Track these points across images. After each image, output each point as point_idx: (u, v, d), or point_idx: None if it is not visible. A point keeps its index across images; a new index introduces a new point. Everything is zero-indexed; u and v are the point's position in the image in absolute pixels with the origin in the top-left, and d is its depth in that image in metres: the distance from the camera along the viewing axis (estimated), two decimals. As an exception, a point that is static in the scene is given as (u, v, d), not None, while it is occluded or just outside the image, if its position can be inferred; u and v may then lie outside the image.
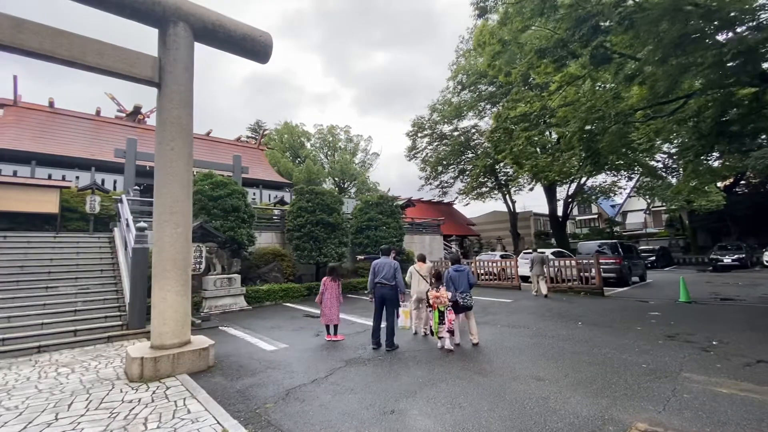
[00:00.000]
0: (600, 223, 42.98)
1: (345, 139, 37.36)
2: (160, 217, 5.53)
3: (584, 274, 12.86)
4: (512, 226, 33.25)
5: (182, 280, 5.56)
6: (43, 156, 16.53)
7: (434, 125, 33.42)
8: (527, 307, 10.42)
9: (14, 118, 18.96)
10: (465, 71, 28.00)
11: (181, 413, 3.89)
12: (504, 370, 5.18)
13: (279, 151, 32.70)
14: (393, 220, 15.58)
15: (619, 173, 24.73)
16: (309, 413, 3.94)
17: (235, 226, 11.30)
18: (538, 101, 11.10)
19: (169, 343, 5.34)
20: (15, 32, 4.59)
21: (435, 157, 33.91)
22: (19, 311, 7.26)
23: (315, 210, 13.25)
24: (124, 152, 16.18)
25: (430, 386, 4.66)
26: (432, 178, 35.75)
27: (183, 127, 5.76)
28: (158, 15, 5.63)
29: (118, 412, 3.94)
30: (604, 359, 5.57)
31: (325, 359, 5.92)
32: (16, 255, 9.01)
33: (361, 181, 34.79)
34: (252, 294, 11.34)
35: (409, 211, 27.32)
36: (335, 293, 7.17)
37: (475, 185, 32.36)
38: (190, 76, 5.95)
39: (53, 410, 4.02)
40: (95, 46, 5.17)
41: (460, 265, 6.81)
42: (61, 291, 8.22)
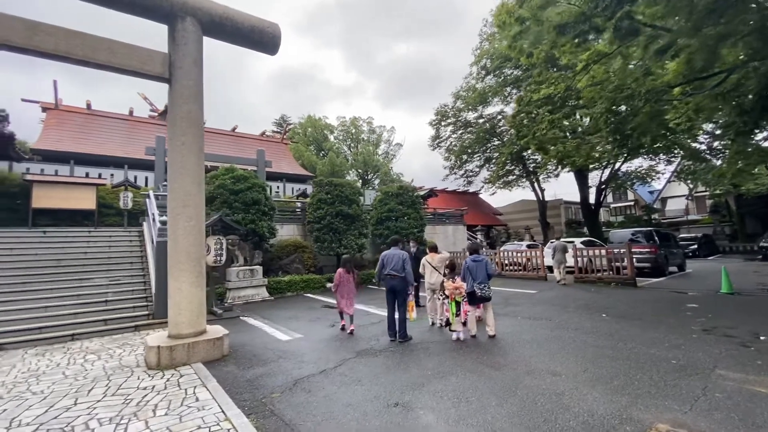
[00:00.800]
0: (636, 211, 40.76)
1: (368, 131, 37.28)
2: (173, 211, 5.66)
3: (615, 263, 12.23)
4: (541, 215, 32.14)
5: (196, 271, 5.69)
6: (81, 155, 17.50)
7: (458, 113, 32.66)
8: (551, 299, 10.03)
9: (56, 120, 20.13)
10: (489, 55, 27.07)
11: (189, 401, 3.98)
12: (518, 364, 4.97)
13: (303, 144, 33.08)
14: (413, 211, 15.39)
15: (657, 157, 23.23)
16: (313, 404, 3.93)
17: (256, 218, 11.52)
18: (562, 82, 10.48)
19: (185, 332, 5.50)
20: (30, 34, 4.77)
21: (459, 146, 33.20)
22: (56, 301, 7.72)
23: (334, 202, 13.28)
24: (154, 150, 16.82)
25: (438, 379, 4.54)
26: (456, 168, 35.07)
27: (193, 121, 5.84)
28: (166, 11, 5.70)
29: (132, 399, 4.09)
30: (629, 354, 5.23)
31: (336, 350, 5.92)
32: (55, 249, 9.59)
33: (384, 172, 34.66)
34: (274, 285, 11.57)
35: (432, 202, 26.97)
36: (351, 285, 7.15)
37: (501, 173, 31.44)
38: (199, 71, 6.01)
39: (74, 395, 4.23)
40: (107, 45, 5.30)
41: (478, 255, 6.60)
42: (94, 282, 8.68)
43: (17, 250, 9.03)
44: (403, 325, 6.35)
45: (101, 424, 3.50)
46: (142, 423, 3.49)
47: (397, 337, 6.31)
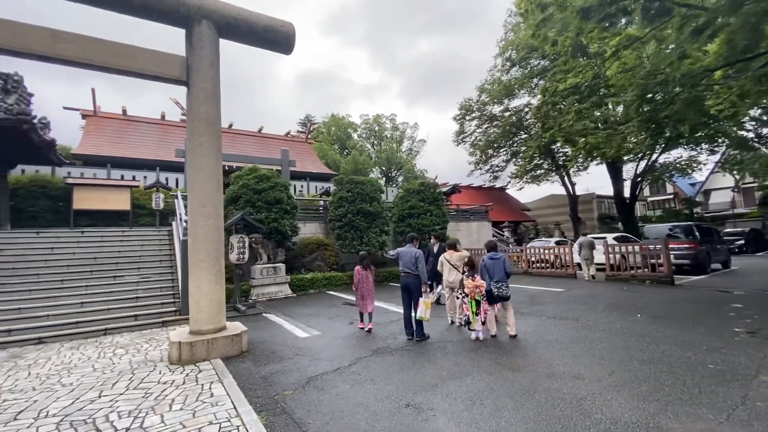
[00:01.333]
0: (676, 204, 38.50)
1: (391, 128, 37.13)
2: (192, 210, 5.81)
3: (651, 260, 11.57)
4: (572, 210, 30.96)
5: (215, 269, 5.81)
6: (117, 159, 18.42)
7: (483, 107, 31.93)
8: (580, 297, 9.60)
9: (94, 126, 21.29)
10: (514, 46, 26.26)
11: (204, 396, 4.06)
12: (539, 366, 4.76)
13: (327, 143, 33.39)
14: (435, 207, 15.17)
15: (698, 146, 21.77)
16: (324, 402, 3.91)
17: (278, 217, 11.69)
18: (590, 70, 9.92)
19: (205, 329, 5.63)
20: (54, 43, 5.00)
21: (484, 140, 32.48)
22: (91, 298, 8.14)
23: (355, 199, 13.30)
24: (183, 152, 17.43)
25: (453, 380, 4.42)
26: (482, 163, 34.34)
27: (210, 122, 5.96)
28: (183, 15, 5.82)
29: (151, 392, 4.22)
30: (662, 357, 4.90)
31: (352, 348, 5.89)
32: (92, 248, 10.12)
33: (407, 169, 34.44)
34: (296, 282, 11.73)
35: (456, 198, 26.55)
36: (368, 282, 7.10)
37: (528, 168, 30.50)
38: (216, 73, 6.11)
39: (100, 388, 4.42)
40: (127, 51, 5.49)
41: (496, 252, 6.39)
42: (126, 280, 9.10)
43: (57, 250, 9.60)
44: (420, 324, 6.24)
45: (120, 417, 3.62)
46: (158, 417, 3.58)
47: (414, 336, 6.22)
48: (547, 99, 14.48)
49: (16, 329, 6.77)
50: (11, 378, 4.84)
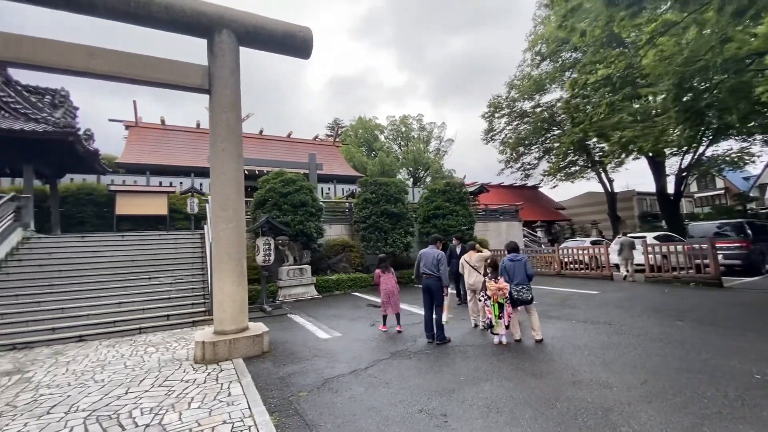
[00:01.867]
0: (727, 200, 35.68)
1: (418, 128, 36.92)
2: (215, 214, 6.00)
3: (696, 261, 10.76)
4: (610, 208, 29.46)
5: (237, 271, 5.96)
6: (155, 166, 19.44)
7: (512, 103, 31.06)
8: (615, 300, 9.08)
9: (136, 137, 22.60)
10: (544, 40, 25.36)
11: (222, 395, 4.15)
12: (564, 373, 4.51)
13: (354, 146, 33.69)
14: (461, 208, 14.88)
15: (750, 137, 20.06)
16: (337, 405, 3.89)
17: (304, 219, 11.88)
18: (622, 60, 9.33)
19: (228, 329, 5.79)
20: (88, 59, 5.31)
21: (515, 138, 31.57)
22: (128, 298, 8.61)
23: (379, 201, 13.30)
24: (216, 158, 18.15)
25: (471, 385, 4.27)
26: (512, 161, 33.40)
27: (232, 128, 6.13)
28: (204, 26, 6.04)
29: (174, 390, 4.38)
30: (702, 366, 4.51)
31: (371, 350, 5.85)
32: (130, 251, 10.71)
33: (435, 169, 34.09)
34: (322, 283, 11.87)
35: (484, 197, 25.99)
36: (391, 283, 7.02)
37: (562, 164, 29.33)
38: (236, 80, 6.29)
39: (128, 385, 4.64)
40: (153, 63, 5.76)
41: (517, 254, 6.15)
42: (160, 281, 9.55)
43: (99, 253, 10.23)
44: (440, 327, 6.11)
45: (142, 414, 3.77)
46: (176, 415, 3.70)
47: (434, 339, 6.09)
48: (577, 92, 13.80)
49: (60, 327, 7.26)
50: (50, 374, 5.18)
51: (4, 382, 4.87)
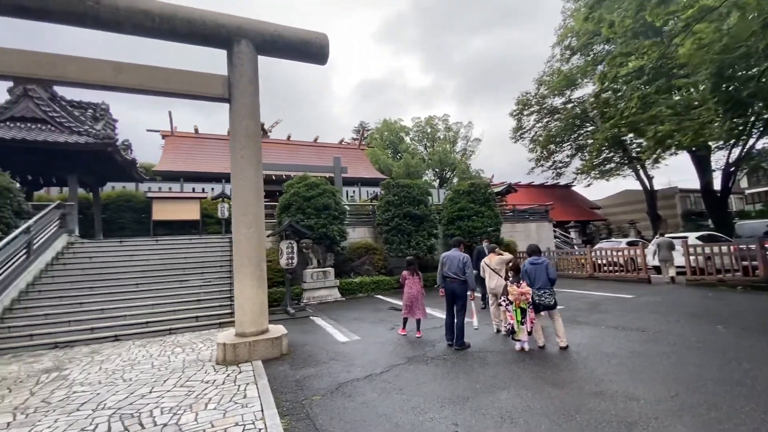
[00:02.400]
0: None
1: (444, 129, 36.53)
2: (235, 219, 6.17)
3: (744, 262, 9.96)
4: (650, 206, 27.90)
5: (257, 274, 6.10)
6: (188, 173, 20.33)
7: (542, 100, 30.19)
8: (651, 305, 8.55)
9: (172, 145, 23.74)
10: (573, 33, 24.42)
11: (238, 397, 4.24)
12: (587, 382, 4.28)
13: (379, 148, 33.80)
14: (487, 209, 14.55)
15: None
16: (348, 410, 3.88)
17: (327, 222, 12.03)
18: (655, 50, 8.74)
19: (248, 331, 5.92)
20: (116, 74, 5.62)
21: (545, 135, 30.61)
22: (160, 300, 9.02)
23: (401, 203, 13.24)
24: (244, 164, 18.74)
25: (487, 393, 4.13)
26: (543, 159, 32.40)
27: (251, 135, 6.29)
28: (224, 37, 6.23)
29: (194, 391, 4.52)
30: (743, 377, 4.14)
31: (389, 354, 5.81)
32: (163, 255, 11.23)
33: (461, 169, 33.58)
34: (345, 286, 11.95)
35: (513, 197, 25.30)
36: (416, 287, 6.93)
37: (596, 162, 28.08)
38: (255, 88, 6.45)
39: (152, 384, 4.83)
40: (176, 75, 6.01)
41: (539, 257, 5.91)
42: (190, 283, 9.95)
43: (135, 256, 10.80)
44: (461, 332, 5.98)
45: (162, 413, 3.92)
46: (193, 415, 3.81)
47: (454, 343, 5.98)
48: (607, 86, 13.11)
49: (98, 327, 7.71)
50: (85, 372, 5.50)
51: (43, 379, 5.22)
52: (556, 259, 15.72)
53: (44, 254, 9.59)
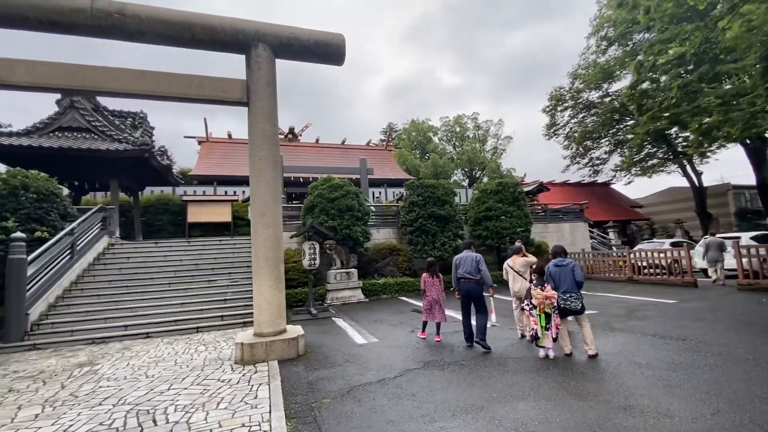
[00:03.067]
0: None
1: (473, 127, 35.79)
2: (253, 220, 6.25)
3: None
4: (698, 204, 25.92)
5: (274, 275, 6.15)
6: (222, 177, 21.11)
7: (577, 94, 28.84)
8: (696, 311, 7.87)
9: (207, 151, 24.76)
10: (610, 22, 23.15)
11: (249, 398, 4.26)
12: (615, 395, 3.95)
13: (407, 149, 33.63)
14: (516, 208, 14.04)
15: None
16: (356, 415, 3.79)
17: (350, 224, 12.05)
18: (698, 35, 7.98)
19: (266, 331, 5.98)
20: (137, 81, 5.86)
21: (580, 131, 29.26)
22: (190, 299, 9.36)
23: (426, 204, 13.03)
24: (273, 167, 19.21)
25: (503, 402, 3.91)
26: (579, 156, 31.01)
27: (268, 138, 6.37)
28: (242, 43, 6.35)
29: (208, 389, 4.59)
30: (800, 397, 3.66)
31: (405, 358, 5.66)
32: (194, 255, 11.67)
33: (492, 168, 32.75)
34: (368, 287, 11.90)
35: (547, 197, 24.35)
36: (436, 290, 6.77)
37: (637, 158, 26.46)
38: (272, 91, 6.52)
39: (172, 381, 4.97)
40: (196, 81, 6.18)
41: (564, 258, 5.56)
42: (218, 283, 10.26)
43: (169, 257, 11.29)
44: (483, 332, 5.85)
45: (176, 410, 4.00)
46: (204, 414, 3.86)
47: (474, 341, 5.92)
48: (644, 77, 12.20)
49: (131, 325, 8.09)
50: (113, 367, 5.75)
51: (76, 373, 5.51)
52: (591, 261, 14.91)
53: (87, 255, 10.22)
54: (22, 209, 9.27)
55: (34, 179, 9.76)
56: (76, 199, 14.77)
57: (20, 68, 5.48)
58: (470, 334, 6.04)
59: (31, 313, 7.75)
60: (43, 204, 9.75)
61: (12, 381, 5.31)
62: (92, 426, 3.71)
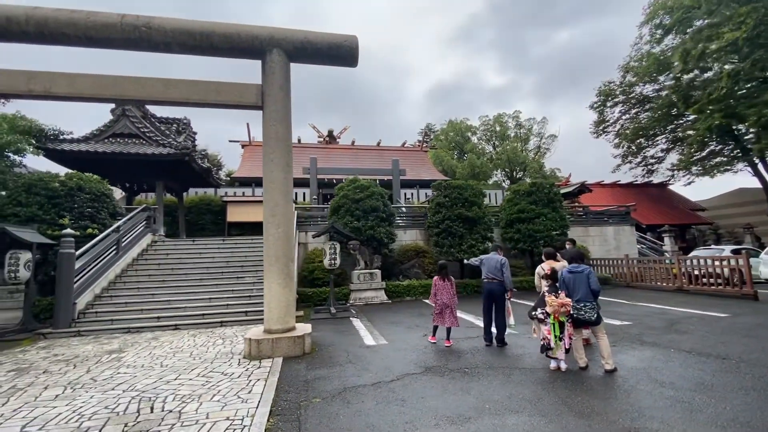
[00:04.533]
0: None
1: (514, 126, 34.49)
2: (265, 220, 6.44)
3: None
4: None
5: (284, 273, 6.30)
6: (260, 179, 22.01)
7: (628, 88, 26.85)
8: (748, 327, 7.00)
9: (249, 154, 25.98)
10: (665, 9, 21.27)
11: (243, 392, 4.38)
12: (622, 415, 3.60)
13: (444, 149, 33.13)
14: (551, 210, 13.31)
15: None
16: (339, 417, 3.76)
17: (374, 225, 12.07)
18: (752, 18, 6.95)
19: (274, 328, 6.14)
20: (165, 90, 6.26)
21: (632, 128, 27.21)
22: (218, 294, 9.85)
23: (452, 205, 12.74)
24: (308, 169, 19.76)
25: (493, 415, 3.70)
26: (631, 155, 28.86)
27: (280, 139, 6.54)
28: (257, 48, 6.58)
29: (210, 382, 4.79)
30: None
31: (408, 362, 5.55)
32: (227, 253, 12.27)
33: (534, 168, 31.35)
34: (392, 289, 11.84)
35: (592, 198, 22.88)
36: (448, 293, 6.61)
37: (698, 156, 24.06)
38: (285, 95, 6.69)
39: (180, 372, 5.24)
40: (214, 87, 6.49)
41: (579, 264, 5.17)
42: (246, 280, 10.70)
43: (204, 254, 11.97)
44: (502, 330, 6.25)
45: (174, 399, 4.21)
46: (197, 405, 4.03)
47: (494, 342, 6.22)
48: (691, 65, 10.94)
49: (163, 317, 8.66)
50: (136, 355, 6.18)
51: (104, 359, 5.99)
52: (636, 269, 13.77)
53: (131, 250, 11.12)
54: (77, 208, 10.27)
55: (87, 181, 10.79)
56: (129, 200, 16.13)
57: (62, 81, 6.07)
58: (489, 334, 6.32)
59: (78, 302, 8.55)
60: (95, 203, 10.75)
61: (50, 363, 5.88)
62: (98, 409, 4.00)
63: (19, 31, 5.85)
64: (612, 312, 8.35)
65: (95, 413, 3.89)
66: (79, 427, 3.58)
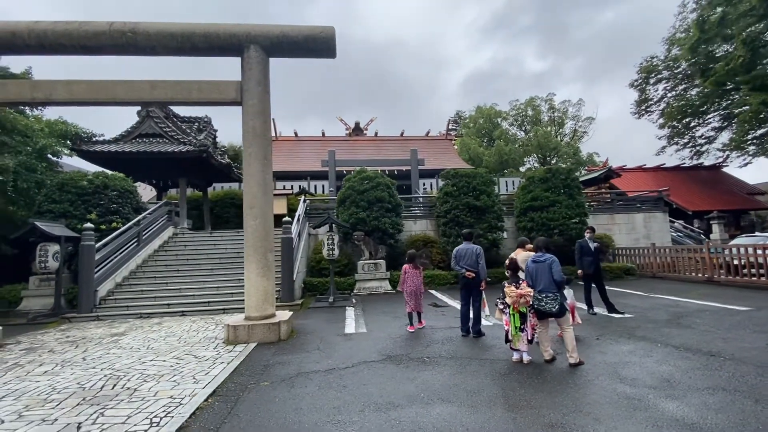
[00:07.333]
0: None
1: (547, 110, 32.78)
2: (245, 212, 6.71)
3: None
4: None
5: (262, 263, 6.54)
6: (284, 173, 22.73)
7: (673, 63, 24.55)
8: (764, 322, 6.34)
9: (275, 148, 26.81)
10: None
11: (201, 374, 4.66)
12: (556, 410, 3.44)
13: (471, 137, 32.22)
14: (567, 197, 12.62)
15: None
16: (275, 401, 3.90)
17: (379, 215, 12.09)
18: None
19: (253, 315, 6.42)
20: (151, 91, 6.65)
21: (679, 106, 24.91)
22: (225, 283, 10.39)
23: (459, 194, 12.44)
24: (326, 161, 20.10)
25: (422, 404, 3.67)
26: (677, 135, 26.51)
27: (258, 134, 6.74)
28: (236, 46, 6.77)
29: (179, 363, 5.13)
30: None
31: (373, 350, 5.59)
32: (238, 244, 12.81)
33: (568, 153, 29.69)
34: (396, 279, 11.81)
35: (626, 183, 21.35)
36: (416, 283, 6.75)
37: (755, 134, 21.60)
38: (263, 90, 6.85)
39: (159, 354, 5.65)
40: (196, 86, 6.80)
41: (543, 254, 4.92)
42: (254, 270, 11.17)
43: (218, 245, 12.65)
44: (477, 321, 6.18)
45: (138, 378, 4.57)
46: (155, 384, 4.35)
47: (470, 333, 6.15)
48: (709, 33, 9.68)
49: (173, 303, 9.31)
50: (133, 338, 6.73)
51: (104, 341, 6.58)
52: (667, 258, 12.75)
53: (153, 243, 11.99)
54: (104, 204, 11.22)
55: (112, 179, 11.72)
56: (159, 196, 17.29)
57: (61, 88, 6.63)
58: (466, 325, 6.26)
59: (99, 290, 9.41)
60: (119, 199, 11.68)
61: (58, 344, 6.56)
62: (70, 384, 4.44)
63: (23, 44, 6.44)
64: (619, 305, 7.83)
65: (66, 387, 4.33)
66: (46, 399, 4.00)
